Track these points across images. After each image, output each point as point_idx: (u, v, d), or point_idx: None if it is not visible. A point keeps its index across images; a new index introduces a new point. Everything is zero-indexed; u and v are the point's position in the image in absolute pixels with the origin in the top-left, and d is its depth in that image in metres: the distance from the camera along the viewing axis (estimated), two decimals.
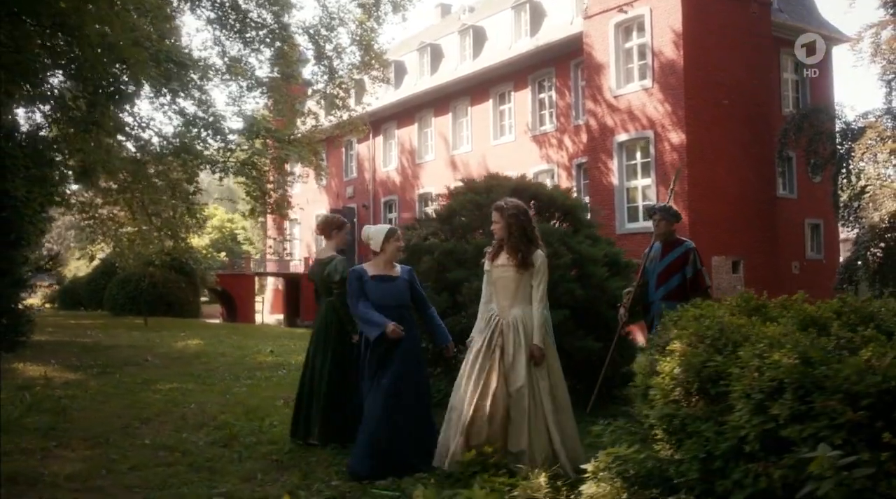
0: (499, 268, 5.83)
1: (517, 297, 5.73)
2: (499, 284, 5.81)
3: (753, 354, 3.79)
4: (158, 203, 24.15)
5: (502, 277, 5.78)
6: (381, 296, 6.03)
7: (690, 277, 7.22)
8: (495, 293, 5.83)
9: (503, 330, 5.68)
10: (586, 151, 27.67)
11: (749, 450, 3.64)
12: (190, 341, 15.68)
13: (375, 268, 6.15)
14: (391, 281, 6.12)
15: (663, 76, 24.07)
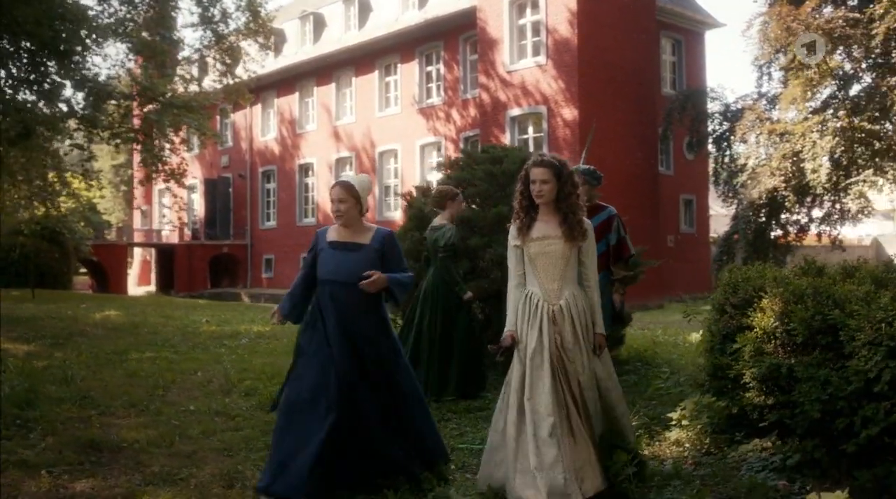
0: (538, 242, 4.55)
1: (566, 276, 4.51)
2: (540, 261, 4.53)
3: (878, 308, 4.24)
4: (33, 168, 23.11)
5: (546, 252, 4.52)
6: (333, 269, 4.69)
7: (614, 245, 6.76)
8: (535, 274, 4.55)
9: (556, 319, 4.44)
10: (476, 124, 28.15)
11: (878, 390, 4.09)
12: (108, 312, 15.17)
13: (338, 232, 4.82)
14: (353, 251, 4.71)
15: (557, 53, 24.75)
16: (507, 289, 4.68)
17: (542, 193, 4.51)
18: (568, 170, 4.55)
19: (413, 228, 8.17)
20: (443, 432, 6.15)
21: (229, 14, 26.65)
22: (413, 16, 30.90)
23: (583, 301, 4.53)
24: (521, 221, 4.60)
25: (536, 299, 4.51)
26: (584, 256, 4.57)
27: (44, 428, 5.68)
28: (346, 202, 4.73)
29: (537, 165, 4.53)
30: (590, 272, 4.58)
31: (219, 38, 26.23)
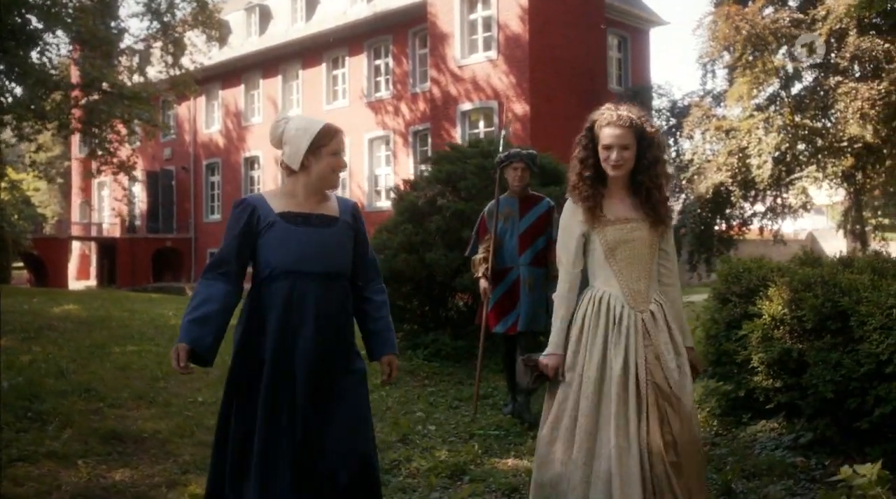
0: (618, 226, 3.43)
1: (653, 273, 3.50)
2: (622, 253, 3.43)
3: (889, 294, 4.55)
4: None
5: (629, 240, 3.42)
6: (299, 253, 3.22)
7: (556, 239, 6.59)
8: (613, 270, 3.43)
9: (649, 331, 3.36)
10: (426, 118, 28.30)
11: (890, 371, 4.40)
12: (67, 307, 14.97)
13: (289, 200, 3.30)
14: (324, 226, 3.31)
15: (509, 49, 25.04)
16: (556, 294, 3.54)
17: (620, 163, 3.35)
18: (652, 129, 3.45)
19: (405, 221, 8.32)
20: (457, 418, 6.36)
21: (175, 4, 26.41)
22: (361, 9, 30.89)
23: (671, 308, 3.50)
24: (591, 198, 3.42)
25: (616, 305, 3.39)
26: (668, 245, 3.55)
27: (60, 420, 5.70)
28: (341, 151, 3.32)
29: (613, 124, 3.33)
30: (674, 267, 3.59)
31: (165, 28, 25.97)
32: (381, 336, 3.47)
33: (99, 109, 24.19)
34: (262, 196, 3.31)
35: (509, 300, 6.27)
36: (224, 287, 3.19)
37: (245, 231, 3.22)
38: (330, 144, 3.25)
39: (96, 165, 25.13)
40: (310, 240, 3.23)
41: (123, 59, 27.43)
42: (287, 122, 3.30)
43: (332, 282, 3.28)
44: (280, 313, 3.18)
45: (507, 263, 6.29)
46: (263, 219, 3.21)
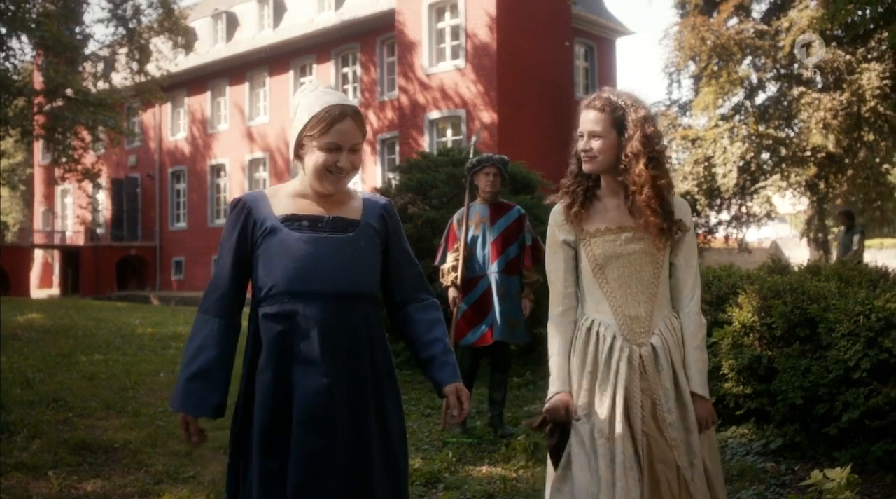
0: (607, 237, 2.84)
1: (658, 295, 2.83)
2: (614, 270, 2.83)
3: (856, 302, 4.64)
4: None
5: (622, 253, 2.82)
6: (299, 269, 2.48)
7: (530, 245, 6.23)
8: (605, 291, 2.84)
9: (646, 369, 2.77)
10: (394, 126, 28.31)
11: (857, 377, 4.49)
12: (31, 316, 14.79)
13: (297, 199, 2.59)
14: (342, 231, 2.56)
15: (476, 57, 25.13)
16: (549, 319, 2.94)
17: (590, 154, 2.79)
18: (637, 116, 2.76)
19: None
20: (430, 426, 6.36)
21: (141, 10, 26.27)
22: (329, 17, 30.86)
23: (680, 338, 2.83)
24: (572, 195, 2.88)
25: (608, 336, 2.79)
26: (681, 259, 2.85)
27: (28, 431, 5.63)
28: (358, 144, 2.51)
29: (587, 106, 2.83)
30: (691, 288, 2.85)
31: (131, 34, 25.81)
32: (440, 362, 2.65)
33: (63, 116, 24.04)
34: (264, 194, 2.58)
35: (480, 310, 6.13)
36: (220, 324, 2.52)
37: (240, 241, 2.52)
38: (322, 135, 2.41)
39: (60, 172, 24.89)
40: (316, 250, 2.47)
41: (88, 66, 27.26)
42: (305, 93, 2.53)
43: (348, 304, 2.47)
44: (275, 348, 2.44)
45: (477, 271, 6.16)
46: (261, 224, 2.50)
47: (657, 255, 2.82)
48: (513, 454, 5.29)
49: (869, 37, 18.09)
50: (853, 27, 14.77)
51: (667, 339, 2.80)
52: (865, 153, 21.00)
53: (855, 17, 12.30)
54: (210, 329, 2.53)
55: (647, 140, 2.74)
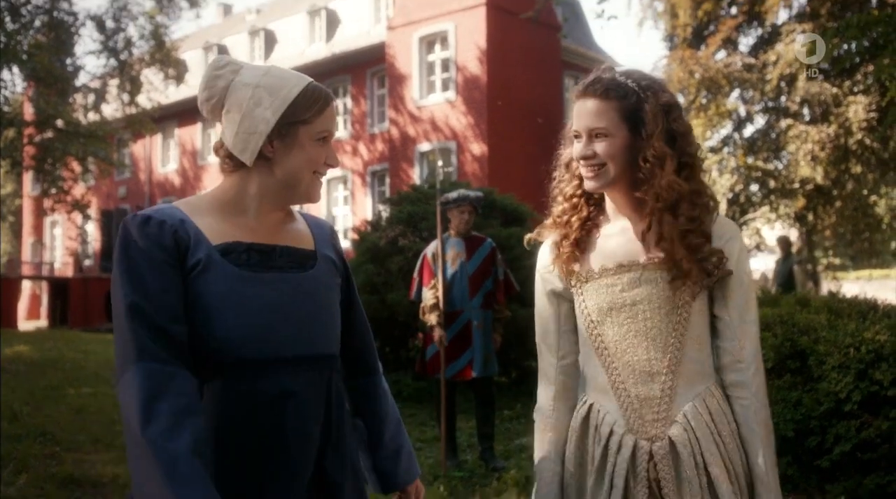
0: (603, 281, 2.04)
1: (682, 359, 1.98)
2: (614, 325, 2.02)
3: (846, 334, 4.65)
4: None
5: (626, 303, 2.01)
6: (255, 325, 1.74)
7: (503, 279, 6.27)
8: (605, 358, 2.04)
9: (661, 482, 1.94)
10: (384, 158, 28.39)
11: (848, 410, 4.49)
12: (18, 348, 14.69)
13: (230, 219, 1.83)
14: (292, 269, 1.85)
15: (467, 90, 25.29)
16: (536, 408, 2.19)
17: (592, 163, 1.98)
18: (666, 98, 1.98)
19: (367, 262, 8.33)
20: (420, 460, 6.31)
21: (133, 43, 26.39)
22: (320, 49, 31.05)
23: (727, 431, 1.97)
24: (568, 231, 2.09)
25: (605, 428, 2.02)
26: (732, 313, 2.00)
27: (15, 465, 5.57)
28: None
29: (583, 93, 2.00)
30: (751, 354, 2.00)
31: (122, 66, 25.90)
32: (399, 454, 2.06)
33: (54, 147, 24.05)
34: (178, 210, 1.79)
35: (460, 344, 6.10)
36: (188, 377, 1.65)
37: (170, 269, 1.71)
38: (316, 119, 1.83)
39: (49, 203, 24.86)
40: (278, 297, 1.78)
41: (79, 97, 27.34)
42: (238, 72, 1.85)
43: (319, 372, 1.83)
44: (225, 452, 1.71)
45: (457, 305, 6.12)
46: (192, 253, 1.73)
47: (682, 302, 1.97)
48: (504, 488, 5.26)
49: (855, 70, 18.31)
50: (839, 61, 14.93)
51: (695, 431, 1.93)
52: (853, 185, 21.17)
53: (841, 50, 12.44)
54: (180, 385, 1.62)
55: (676, 137, 1.96)
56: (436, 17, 25.69)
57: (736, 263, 2.00)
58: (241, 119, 1.80)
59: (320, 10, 31.45)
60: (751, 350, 2.00)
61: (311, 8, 31.74)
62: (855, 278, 30.60)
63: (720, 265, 1.97)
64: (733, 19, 21.24)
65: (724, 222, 2.05)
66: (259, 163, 1.83)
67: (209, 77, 1.87)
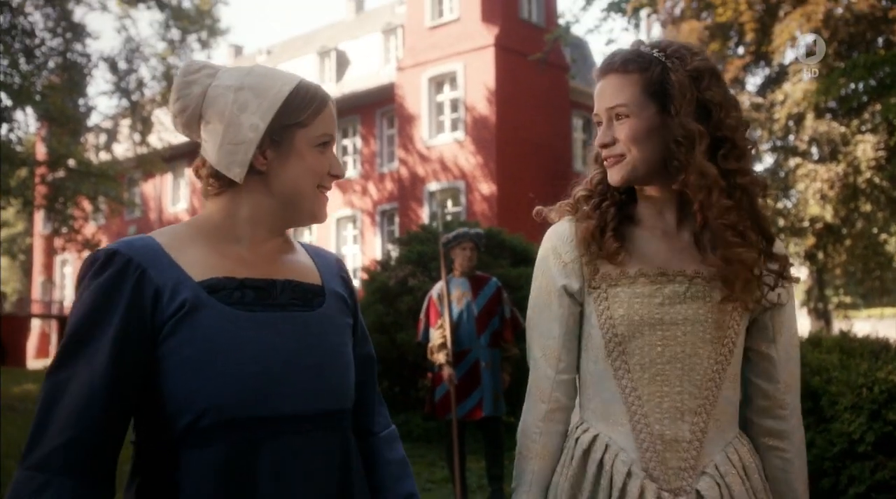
0: (640, 288, 1.67)
1: (718, 399, 1.66)
2: (643, 349, 1.66)
3: (858, 374, 4.62)
4: None
5: (664, 322, 1.65)
6: (256, 377, 1.42)
7: (509, 317, 6.25)
8: (626, 385, 1.67)
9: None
10: (394, 198, 28.50)
11: (862, 451, 4.44)
12: (27, 387, 14.68)
13: (219, 249, 1.54)
14: (298, 307, 1.54)
15: (476, 130, 25.44)
16: (522, 421, 1.81)
17: (614, 151, 1.69)
18: (696, 63, 1.65)
19: (376, 302, 8.33)
20: None
21: (144, 83, 26.66)
22: (330, 89, 31.28)
23: (760, 487, 1.70)
24: (605, 220, 1.74)
25: (620, 469, 1.65)
26: (780, 348, 1.76)
27: None
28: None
29: (603, 71, 1.73)
30: (789, 394, 1.77)
31: (133, 106, 26.15)
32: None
33: (65, 186, 24.23)
34: (156, 244, 1.49)
35: (468, 384, 6.09)
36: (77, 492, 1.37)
37: (126, 331, 1.40)
38: (314, 120, 1.56)
39: (60, 242, 24.97)
40: (281, 341, 1.48)
41: (91, 137, 27.57)
42: (214, 76, 1.58)
43: (330, 434, 1.54)
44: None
45: (465, 344, 6.11)
46: (169, 296, 1.43)
47: (728, 326, 1.65)
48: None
49: (863, 109, 18.35)
50: (847, 100, 15.00)
51: (730, 487, 1.63)
52: (863, 223, 21.14)
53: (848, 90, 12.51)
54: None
55: (710, 109, 1.63)
56: (445, 57, 25.94)
57: (789, 293, 1.71)
58: (225, 129, 1.52)
59: (330, 51, 31.78)
60: (795, 396, 1.75)
61: (321, 49, 32.08)
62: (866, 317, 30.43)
63: (785, 279, 1.65)
64: (741, 59, 21.34)
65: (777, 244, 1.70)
66: (251, 179, 1.54)
67: (181, 84, 1.58)
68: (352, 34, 32.32)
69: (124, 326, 1.40)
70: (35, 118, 25.34)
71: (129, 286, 1.41)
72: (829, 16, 17.76)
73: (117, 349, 1.39)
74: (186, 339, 1.41)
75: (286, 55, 35.16)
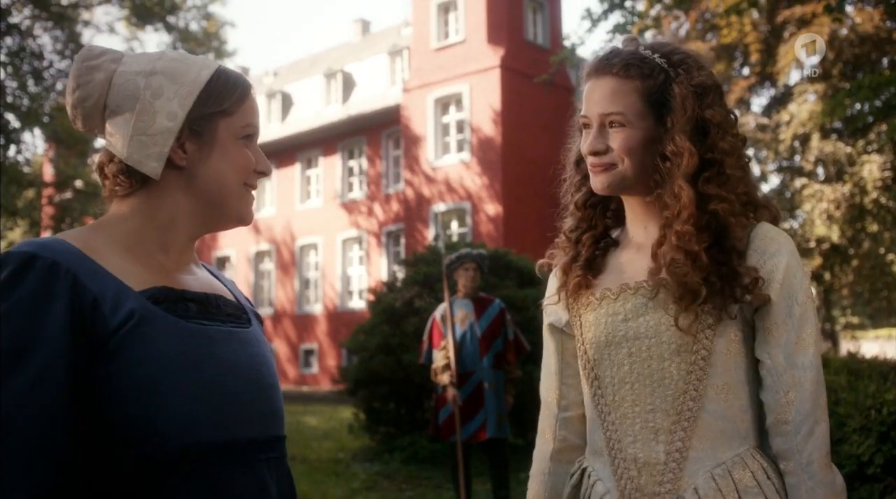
0: (605, 309, 1.63)
1: (699, 415, 1.53)
2: (611, 367, 1.60)
3: (866, 396, 4.60)
4: None
5: (627, 338, 1.59)
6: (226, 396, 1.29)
7: (513, 339, 6.28)
8: (602, 408, 1.62)
9: None
10: (400, 219, 28.53)
11: (871, 473, 4.41)
12: None
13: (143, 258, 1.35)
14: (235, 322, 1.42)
15: (481, 151, 25.50)
16: (533, 461, 1.81)
17: (603, 160, 1.60)
18: (701, 77, 1.59)
19: (382, 323, 8.32)
20: None
21: None
22: (336, 111, 31.42)
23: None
24: (578, 251, 1.74)
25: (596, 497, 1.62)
26: (777, 355, 1.52)
27: None
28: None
29: (592, 71, 1.65)
30: (804, 413, 1.50)
31: None
32: None
33: (72, 207, 24.35)
34: (75, 248, 1.27)
35: (472, 405, 6.07)
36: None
37: (68, 354, 1.19)
38: (238, 109, 1.42)
39: None
40: (237, 359, 1.36)
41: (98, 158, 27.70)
42: (119, 61, 1.40)
43: (280, 462, 1.42)
44: None
45: (468, 366, 6.10)
46: (111, 307, 1.24)
47: (696, 336, 1.53)
48: None
49: (868, 130, 18.37)
50: (853, 120, 15.02)
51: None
52: (870, 244, 21.12)
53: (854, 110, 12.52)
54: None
55: (708, 128, 1.56)
56: (451, 79, 26.05)
57: (781, 287, 1.52)
58: (136, 118, 1.33)
59: (336, 73, 31.91)
60: (802, 407, 1.49)
61: (327, 71, 32.23)
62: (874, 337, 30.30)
63: (753, 290, 1.50)
64: (746, 80, 21.41)
65: (769, 233, 1.57)
66: (168, 176, 1.37)
67: (81, 70, 1.36)
68: (358, 56, 32.47)
69: (69, 340, 1.18)
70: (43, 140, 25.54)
71: (62, 294, 1.19)
72: (834, 37, 17.83)
73: (67, 371, 1.17)
74: (139, 356, 1.22)
75: (293, 76, 35.32)
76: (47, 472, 1.13)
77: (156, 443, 1.20)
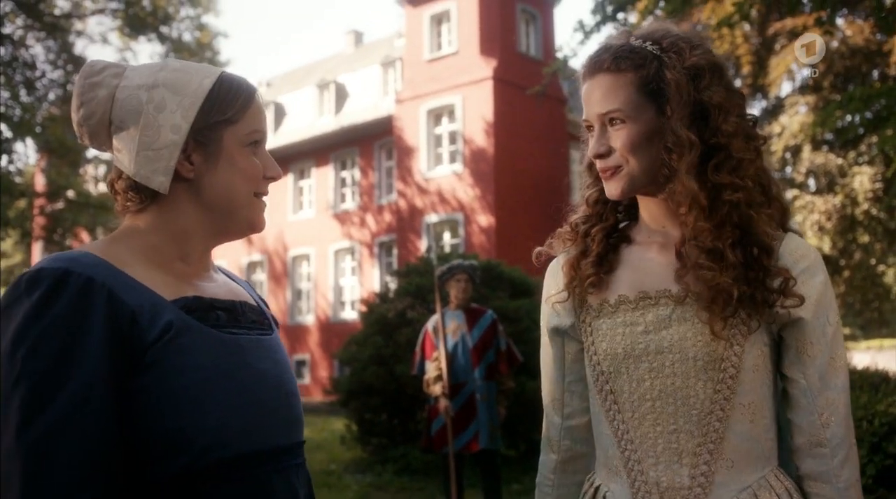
0: (622, 317, 1.53)
1: (725, 436, 1.44)
2: (629, 383, 1.50)
3: (858, 407, 4.60)
4: None
5: (649, 352, 1.48)
6: (249, 406, 1.30)
7: (505, 350, 6.25)
8: (619, 426, 1.51)
9: None
10: (391, 229, 28.53)
11: (864, 484, 4.42)
12: None
13: (162, 266, 1.36)
14: (258, 328, 1.44)
15: (474, 162, 25.54)
16: (538, 472, 1.77)
17: (609, 163, 1.55)
18: (695, 58, 1.48)
19: (375, 334, 8.31)
20: None
21: None
22: (329, 122, 31.46)
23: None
24: (588, 247, 1.64)
25: None
26: (810, 374, 1.47)
27: None
28: None
29: (589, 69, 1.59)
30: (840, 436, 1.47)
31: None
32: None
33: (64, 217, 24.30)
34: (105, 261, 1.28)
35: (464, 417, 6.08)
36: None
37: (110, 370, 1.20)
38: (242, 116, 1.42)
39: None
40: (265, 367, 1.38)
41: (90, 168, 27.66)
42: (121, 76, 1.38)
43: (302, 468, 1.44)
44: None
45: (460, 377, 6.11)
46: (150, 319, 1.25)
47: (725, 351, 1.44)
48: None
49: (859, 141, 18.46)
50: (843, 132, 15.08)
51: None
52: (861, 255, 21.20)
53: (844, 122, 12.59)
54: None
55: (708, 111, 1.47)
56: (443, 90, 26.11)
57: (816, 306, 1.45)
58: (141, 133, 1.33)
59: (329, 84, 31.96)
60: (838, 430, 1.45)
61: (320, 82, 32.28)
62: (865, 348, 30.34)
63: (786, 291, 1.41)
64: None
65: (799, 248, 1.49)
66: (177, 189, 1.37)
67: (83, 88, 1.36)
68: (351, 67, 32.54)
69: (108, 357, 1.18)
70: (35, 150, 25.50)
71: (99, 310, 1.19)
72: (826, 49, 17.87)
73: (108, 389, 1.17)
74: (175, 367, 1.23)
75: (286, 87, 35.37)
76: (94, 494, 1.14)
77: (192, 454, 1.21)
